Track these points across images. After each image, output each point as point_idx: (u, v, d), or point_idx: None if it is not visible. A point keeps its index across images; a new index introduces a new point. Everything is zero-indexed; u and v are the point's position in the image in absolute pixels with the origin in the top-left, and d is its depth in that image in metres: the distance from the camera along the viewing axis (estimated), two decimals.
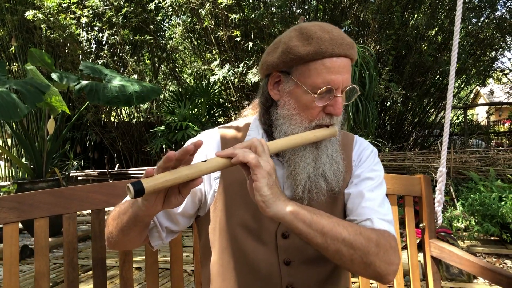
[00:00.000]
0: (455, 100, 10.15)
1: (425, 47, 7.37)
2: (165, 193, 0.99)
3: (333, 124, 1.18)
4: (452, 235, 3.87)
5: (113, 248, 1.22)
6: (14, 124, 6.92)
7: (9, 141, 7.88)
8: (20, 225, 5.60)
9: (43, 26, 6.45)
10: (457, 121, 10.60)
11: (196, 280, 1.57)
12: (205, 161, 0.97)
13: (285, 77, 1.18)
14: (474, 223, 4.25)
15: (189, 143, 1.30)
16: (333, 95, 1.13)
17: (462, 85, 9.33)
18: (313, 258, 1.22)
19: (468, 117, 10.88)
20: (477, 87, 10.44)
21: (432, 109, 8.75)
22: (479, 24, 8.19)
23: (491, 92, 11.44)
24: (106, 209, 1.48)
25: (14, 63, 7.37)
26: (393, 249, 1.13)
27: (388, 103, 8.32)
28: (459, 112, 10.29)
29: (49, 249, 4.20)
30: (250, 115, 1.40)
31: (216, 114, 7.42)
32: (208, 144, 1.28)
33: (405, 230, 1.89)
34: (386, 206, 1.23)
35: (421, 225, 1.90)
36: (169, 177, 0.90)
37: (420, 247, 1.99)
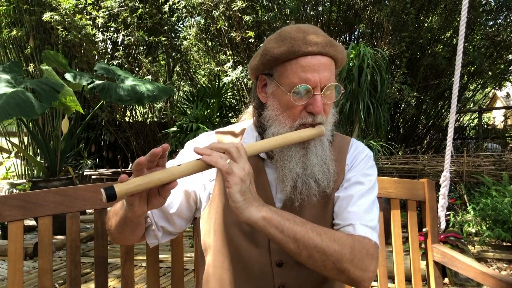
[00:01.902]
0: (470, 103, 10.01)
1: (440, 50, 7.30)
2: (147, 195, 1.03)
3: (320, 124, 1.19)
4: (462, 240, 3.83)
5: (114, 242, 1.28)
6: (30, 123, 7.03)
7: (25, 139, 8.00)
8: (35, 223, 5.70)
9: (59, 27, 6.55)
10: (472, 124, 10.47)
11: (196, 280, 1.59)
12: (179, 165, 0.99)
13: (269, 79, 1.21)
14: (485, 228, 4.20)
15: (187, 145, 1.34)
16: (311, 93, 1.14)
17: (478, 88, 9.21)
18: None
19: (484, 121, 10.72)
20: (493, 90, 10.27)
21: (446, 112, 8.65)
22: (496, 26, 8.08)
23: (508, 95, 11.25)
24: (109, 208, 1.51)
25: (31, 63, 7.49)
26: (370, 255, 1.14)
27: (402, 105, 8.26)
28: (474, 115, 10.16)
29: (60, 247, 4.25)
30: (247, 119, 1.43)
31: (229, 115, 7.44)
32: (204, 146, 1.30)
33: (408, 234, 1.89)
34: (373, 212, 1.23)
35: (424, 229, 1.90)
36: (141, 182, 0.93)
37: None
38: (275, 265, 1.22)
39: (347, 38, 7.84)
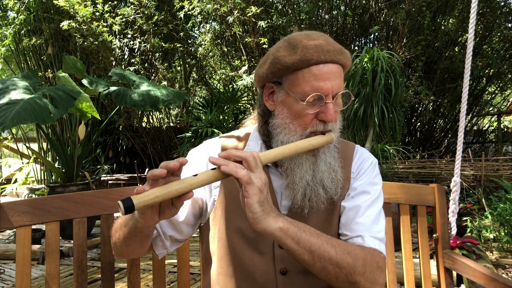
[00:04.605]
0: (489, 106, 9.85)
1: (456, 53, 7.20)
2: (160, 205, 1.01)
3: (330, 131, 1.19)
4: (479, 246, 3.76)
5: (119, 256, 1.27)
6: (49, 130, 7.15)
7: (44, 145, 8.12)
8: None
9: (76, 34, 6.66)
10: (491, 128, 10.28)
11: (202, 287, 1.59)
12: (196, 175, 0.98)
13: (277, 87, 1.20)
14: (503, 234, 4.11)
15: (192, 152, 1.34)
16: (323, 101, 1.14)
17: (497, 91, 9.05)
18: None
19: (504, 124, 10.54)
20: None
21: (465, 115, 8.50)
22: None
23: None
24: (115, 214, 1.52)
25: (50, 70, 7.61)
26: (379, 268, 1.14)
27: (420, 109, 8.16)
28: (494, 118, 9.99)
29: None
30: (251, 125, 1.42)
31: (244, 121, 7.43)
32: (209, 153, 1.30)
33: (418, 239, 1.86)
34: (380, 222, 1.23)
35: (434, 235, 1.87)
36: (159, 193, 0.92)
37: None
38: (279, 273, 1.21)
39: (363, 41, 7.80)
